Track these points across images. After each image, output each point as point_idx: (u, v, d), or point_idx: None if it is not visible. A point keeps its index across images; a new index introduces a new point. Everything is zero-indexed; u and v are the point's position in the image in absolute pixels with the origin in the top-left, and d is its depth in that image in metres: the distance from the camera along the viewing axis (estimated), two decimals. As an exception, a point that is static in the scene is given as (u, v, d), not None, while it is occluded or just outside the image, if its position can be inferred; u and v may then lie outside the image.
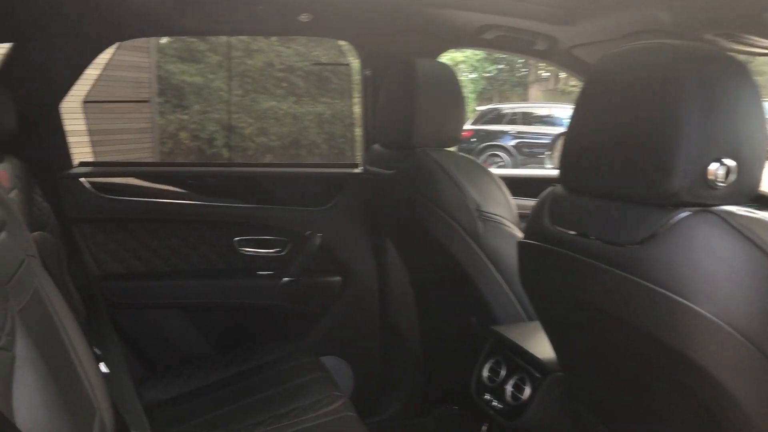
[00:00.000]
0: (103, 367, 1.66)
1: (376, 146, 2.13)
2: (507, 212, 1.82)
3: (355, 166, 2.41)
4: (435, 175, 1.80)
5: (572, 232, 1.11)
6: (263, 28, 2.10)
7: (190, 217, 2.28)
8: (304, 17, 2.00)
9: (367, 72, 2.29)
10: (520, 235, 1.66)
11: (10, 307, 1.13)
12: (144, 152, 7.34)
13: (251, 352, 2.19)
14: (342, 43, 2.35)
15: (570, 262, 1.10)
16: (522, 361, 1.57)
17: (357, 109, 2.36)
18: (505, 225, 1.80)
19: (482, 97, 15.67)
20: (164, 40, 8.96)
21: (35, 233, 1.87)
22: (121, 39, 2.03)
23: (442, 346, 2.25)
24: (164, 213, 2.25)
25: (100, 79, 6.34)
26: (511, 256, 1.52)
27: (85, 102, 2.38)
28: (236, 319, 2.37)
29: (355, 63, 2.39)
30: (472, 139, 11.05)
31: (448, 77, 1.86)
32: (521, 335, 1.65)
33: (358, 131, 2.43)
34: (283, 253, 2.35)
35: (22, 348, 1.13)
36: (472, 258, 1.79)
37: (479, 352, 1.72)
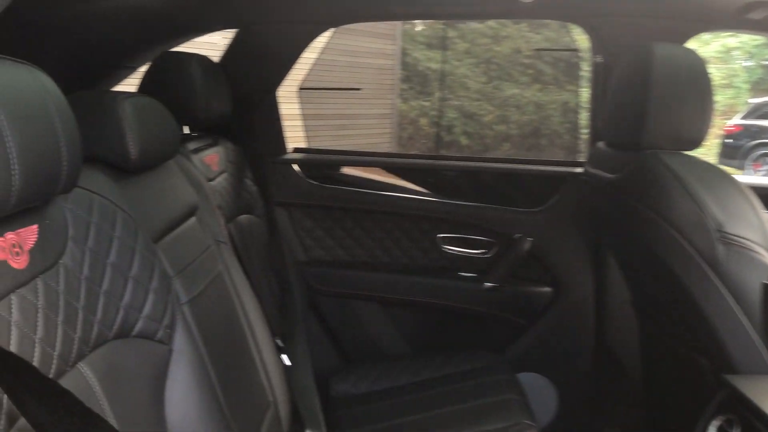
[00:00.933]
0: (285, 360, 1.64)
1: (601, 144, 1.84)
2: (759, 236, 1.43)
3: (577, 164, 2.13)
4: (666, 183, 1.48)
5: None
6: (481, 11, 1.91)
7: (396, 209, 2.20)
8: (526, -3, 1.78)
9: (598, 59, 1.99)
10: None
11: (172, 299, 1.10)
12: (383, 137, 7.58)
13: (447, 358, 2.06)
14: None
15: None
16: (764, 429, 1.22)
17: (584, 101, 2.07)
18: (755, 251, 1.42)
19: (758, 87, 13.74)
20: (417, 28, 9.18)
21: (242, 216, 1.91)
22: (336, 24, 1.99)
23: (667, 384, 1.90)
24: (371, 204, 2.20)
25: (348, 65, 6.66)
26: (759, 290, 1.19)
27: (301, 89, 2.40)
28: (434, 319, 2.26)
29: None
30: (740, 136, 9.73)
31: (694, 66, 1.51)
32: (764, 393, 1.29)
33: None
34: (488, 255, 2.17)
35: (180, 342, 1.10)
36: (708, 289, 1.44)
37: (707, 402, 1.39)
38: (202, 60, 1.71)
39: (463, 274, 2.19)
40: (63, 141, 0.83)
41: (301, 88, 2.41)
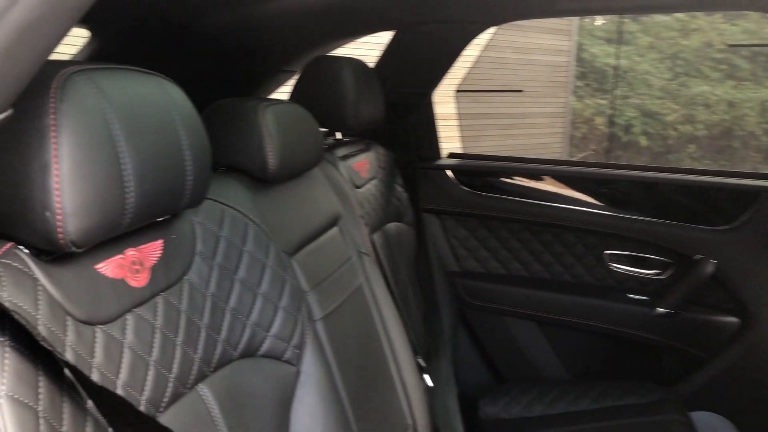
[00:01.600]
0: (427, 380, 1.55)
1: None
2: None
3: (776, 177, 1.83)
4: None
5: None
6: (661, 4, 1.68)
7: (558, 221, 2.02)
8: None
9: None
10: None
11: (302, 317, 1.05)
12: (554, 137, 7.25)
13: (609, 389, 1.86)
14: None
15: None
16: None
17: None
18: None
19: None
20: (597, 22, 8.70)
21: (390, 224, 1.85)
22: (498, 23, 1.85)
23: None
24: (530, 214, 2.04)
25: (519, 62, 6.44)
26: None
27: (457, 91, 2.29)
28: (597, 344, 2.05)
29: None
30: None
31: None
32: None
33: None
34: (662, 277, 1.93)
35: (310, 362, 1.05)
36: None
37: None
38: (355, 64, 1.67)
39: (633, 296, 1.96)
40: (188, 154, 0.80)
41: (457, 91, 2.30)
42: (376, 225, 1.72)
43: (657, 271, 1.94)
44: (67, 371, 0.63)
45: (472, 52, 2.10)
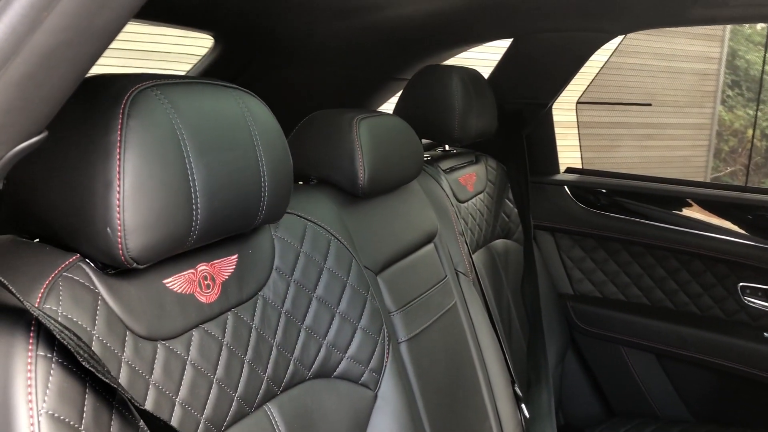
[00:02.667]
0: (524, 410, 1.46)
1: None
2: None
3: None
4: None
5: None
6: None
7: (684, 247, 1.84)
8: None
9: None
10: None
11: (383, 340, 1.01)
12: (697, 149, 6.73)
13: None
14: None
15: None
16: None
17: None
18: None
19: None
20: (758, 26, 8.02)
21: (497, 241, 1.77)
22: (629, 31, 1.72)
23: None
24: (653, 238, 1.88)
25: (662, 70, 6.04)
26: None
27: (578, 103, 2.15)
28: (724, 385, 1.85)
29: None
30: None
31: None
32: None
33: None
34: (805, 317, 1.71)
35: (388, 387, 1.01)
36: None
37: None
38: (465, 72, 1.60)
39: (769, 335, 1.76)
40: (265, 169, 0.78)
41: (578, 102, 2.16)
42: (480, 242, 1.65)
43: (799, 311, 1.73)
44: (119, 389, 0.62)
45: (604, 57, 1.97)
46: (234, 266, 0.83)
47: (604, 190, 1.97)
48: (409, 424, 1.02)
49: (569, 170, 2.05)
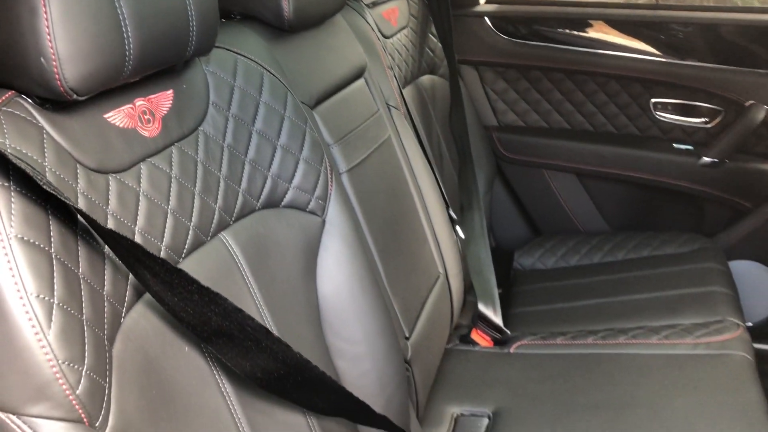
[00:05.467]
0: (459, 232, 1.56)
1: None
2: None
3: None
4: None
5: None
6: None
7: (602, 69, 1.92)
8: None
9: None
10: None
11: (324, 170, 1.04)
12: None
13: (648, 239, 1.86)
14: None
15: None
16: None
17: None
18: None
19: None
20: None
21: (424, 77, 1.79)
22: None
23: None
24: (572, 63, 1.94)
25: None
26: None
27: None
28: (639, 196, 2.01)
29: None
30: None
31: None
32: None
33: None
34: (710, 126, 1.85)
35: (334, 213, 1.05)
36: None
37: None
38: None
39: (678, 146, 1.90)
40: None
41: None
42: (408, 77, 1.67)
43: (705, 119, 1.86)
44: (79, 217, 0.64)
45: None
46: (171, 101, 0.83)
47: (525, 20, 1.99)
48: (356, 244, 1.08)
49: (489, 1, 2.05)
